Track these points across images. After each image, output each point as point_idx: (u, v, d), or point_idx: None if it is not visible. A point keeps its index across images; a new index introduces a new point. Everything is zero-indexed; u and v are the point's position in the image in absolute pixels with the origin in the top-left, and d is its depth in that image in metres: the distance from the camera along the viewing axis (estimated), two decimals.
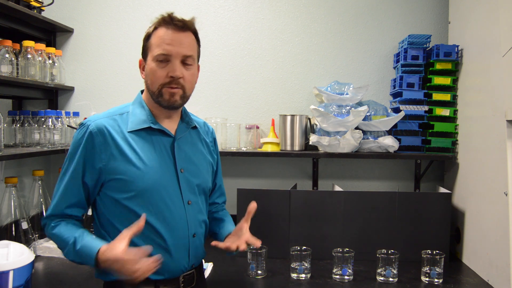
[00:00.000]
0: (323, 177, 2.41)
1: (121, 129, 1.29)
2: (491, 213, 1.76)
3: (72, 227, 1.28)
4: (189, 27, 1.30)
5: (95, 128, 1.26)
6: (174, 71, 1.26)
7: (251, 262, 1.80)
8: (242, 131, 2.36)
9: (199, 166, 1.39)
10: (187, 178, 1.34)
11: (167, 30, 1.27)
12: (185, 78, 1.29)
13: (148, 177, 1.26)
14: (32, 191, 2.13)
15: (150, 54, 1.29)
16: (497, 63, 1.72)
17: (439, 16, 2.37)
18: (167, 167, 1.31)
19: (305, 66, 2.44)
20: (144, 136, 1.30)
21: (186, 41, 1.29)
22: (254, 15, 2.44)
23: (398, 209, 2.01)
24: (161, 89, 1.27)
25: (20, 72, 2.04)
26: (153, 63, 1.27)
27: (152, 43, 1.28)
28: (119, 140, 1.27)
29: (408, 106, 2.19)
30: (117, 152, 1.26)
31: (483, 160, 1.85)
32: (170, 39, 1.26)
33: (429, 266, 1.76)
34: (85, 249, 1.20)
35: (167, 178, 1.30)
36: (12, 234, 1.92)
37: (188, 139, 1.40)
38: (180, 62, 1.27)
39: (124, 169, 1.25)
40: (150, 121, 1.31)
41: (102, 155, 1.25)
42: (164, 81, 1.27)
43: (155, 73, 1.27)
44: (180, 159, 1.33)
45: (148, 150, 1.29)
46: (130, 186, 1.25)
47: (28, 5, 2.12)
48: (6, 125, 2.15)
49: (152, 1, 2.44)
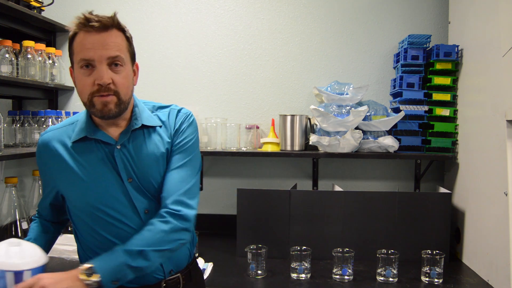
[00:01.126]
0: (323, 177, 2.41)
1: (66, 142, 1.23)
2: (491, 213, 1.76)
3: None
4: (109, 25, 1.16)
5: (41, 143, 1.26)
6: (101, 78, 1.12)
7: (251, 262, 1.80)
8: (242, 131, 2.36)
9: (148, 168, 1.23)
10: (138, 186, 1.21)
11: (86, 33, 1.13)
12: (116, 83, 1.14)
13: (90, 191, 1.19)
14: (32, 191, 2.13)
15: (74, 61, 1.16)
16: (497, 63, 1.72)
17: (439, 16, 2.37)
18: (112, 177, 1.20)
19: (305, 66, 2.44)
20: (88, 147, 1.22)
21: (110, 41, 1.14)
22: (254, 15, 2.44)
23: (398, 209, 2.01)
24: (92, 98, 1.14)
25: (20, 72, 2.04)
26: (78, 71, 1.15)
27: (74, 49, 1.15)
28: (63, 153, 1.22)
29: (408, 106, 2.19)
30: (60, 166, 1.22)
31: (483, 160, 1.85)
32: (90, 42, 1.12)
33: (429, 266, 1.76)
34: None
35: (111, 189, 1.20)
36: (12, 234, 1.92)
37: (135, 142, 1.23)
38: (107, 65, 1.14)
39: (66, 185, 1.23)
40: (88, 130, 1.21)
41: (50, 169, 1.26)
42: (92, 89, 1.13)
43: (81, 82, 1.14)
44: (123, 168, 1.20)
45: (90, 162, 1.21)
46: (75, 199, 1.23)
47: (28, 5, 2.12)
48: (6, 125, 2.15)
49: (152, 1, 2.44)
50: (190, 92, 2.45)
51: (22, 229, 1.95)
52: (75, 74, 1.18)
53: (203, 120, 2.35)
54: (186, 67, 2.43)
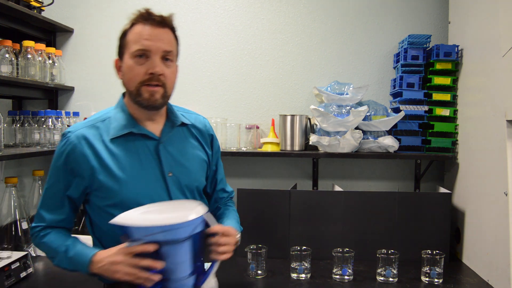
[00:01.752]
0: (323, 177, 2.41)
1: (103, 138, 1.25)
2: (491, 213, 1.76)
3: (62, 236, 1.27)
4: (167, 23, 1.25)
5: (75, 140, 1.23)
6: (154, 67, 1.20)
7: (251, 262, 1.80)
8: (242, 131, 2.36)
9: (189, 165, 1.33)
10: (176, 180, 1.29)
11: (145, 25, 1.22)
12: (165, 75, 1.22)
13: (129, 187, 1.22)
14: (32, 191, 2.13)
15: (127, 51, 1.23)
16: (497, 63, 1.72)
17: (439, 16, 2.37)
18: (153, 172, 1.26)
19: (305, 66, 2.44)
20: (127, 142, 1.25)
21: (165, 36, 1.23)
22: (254, 15, 2.44)
23: (398, 209, 2.01)
24: (140, 87, 1.21)
25: (20, 72, 2.04)
26: (130, 60, 1.21)
27: (130, 39, 1.22)
28: (101, 149, 1.23)
29: (408, 106, 2.19)
30: (98, 162, 1.22)
31: (483, 160, 1.85)
32: (149, 34, 1.20)
33: (429, 266, 1.76)
34: (79, 255, 1.21)
35: (151, 185, 1.25)
36: (12, 234, 1.92)
37: (175, 139, 1.33)
38: (160, 58, 1.21)
39: (105, 180, 1.22)
40: (131, 126, 1.26)
41: (83, 166, 1.23)
42: (143, 78, 1.20)
43: (133, 70, 1.21)
44: (166, 162, 1.28)
45: (131, 158, 1.24)
46: (112, 196, 1.23)
47: (28, 5, 2.12)
48: (6, 125, 2.15)
49: (152, 1, 2.44)
50: (190, 92, 2.45)
51: (22, 229, 1.95)
52: (125, 64, 1.24)
53: None
54: (186, 67, 2.43)
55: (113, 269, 1.14)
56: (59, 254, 1.24)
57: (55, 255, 1.25)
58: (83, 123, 1.29)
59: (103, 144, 1.24)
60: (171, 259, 1.13)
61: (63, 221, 1.29)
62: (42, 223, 1.28)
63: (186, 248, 1.14)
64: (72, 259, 1.22)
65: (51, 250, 1.26)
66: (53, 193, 1.27)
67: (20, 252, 1.74)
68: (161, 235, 1.10)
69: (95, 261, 1.18)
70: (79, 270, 1.23)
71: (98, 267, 1.17)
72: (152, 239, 1.11)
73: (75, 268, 1.23)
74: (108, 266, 1.15)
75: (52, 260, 1.28)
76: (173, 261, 1.13)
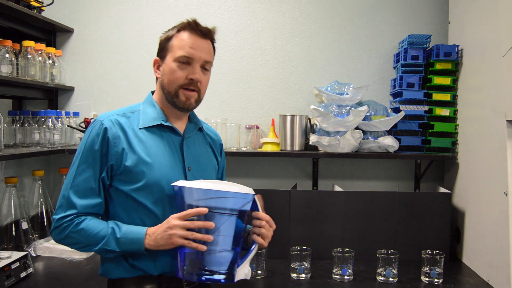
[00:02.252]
0: (323, 177, 2.41)
1: (133, 126, 1.33)
2: (491, 213, 1.76)
3: (99, 221, 1.28)
4: (210, 35, 1.36)
5: (109, 123, 1.29)
6: (194, 73, 1.31)
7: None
8: (242, 131, 2.36)
9: (205, 166, 1.44)
10: (194, 176, 1.36)
11: (191, 34, 1.32)
12: (202, 83, 1.34)
13: (156, 170, 1.29)
14: (32, 191, 2.13)
15: (170, 54, 1.32)
16: (497, 63, 1.72)
17: (439, 16, 2.37)
18: (176, 164, 1.34)
19: (305, 66, 2.44)
20: (155, 133, 1.34)
21: (207, 47, 1.35)
22: (254, 15, 2.44)
23: (398, 209, 2.01)
24: (178, 90, 1.32)
25: (20, 72, 2.04)
26: (173, 64, 1.31)
27: (174, 44, 1.32)
28: (131, 135, 1.30)
29: (408, 106, 2.19)
30: (128, 146, 1.29)
31: (483, 160, 1.85)
32: (194, 43, 1.31)
33: (429, 266, 1.76)
34: (130, 232, 1.24)
35: (175, 174, 1.32)
36: (12, 234, 1.92)
37: (195, 140, 1.44)
38: (200, 66, 1.33)
39: (133, 162, 1.27)
40: (161, 119, 1.35)
41: (115, 149, 1.28)
42: (183, 82, 1.31)
43: (175, 73, 1.31)
44: (188, 157, 1.37)
45: (158, 146, 1.33)
46: (138, 177, 1.27)
47: (28, 5, 2.12)
48: (6, 125, 2.15)
49: (152, 2, 2.44)
50: None
51: (22, 229, 1.95)
52: (167, 65, 1.33)
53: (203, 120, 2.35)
54: None
55: (169, 233, 1.20)
56: (106, 238, 1.24)
57: (98, 241, 1.24)
58: (113, 112, 1.35)
59: (134, 132, 1.32)
60: (218, 231, 1.21)
61: (98, 206, 1.29)
62: (73, 210, 1.26)
63: (232, 222, 1.24)
64: (122, 239, 1.23)
65: (92, 236, 1.24)
66: (86, 178, 1.27)
67: (20, 252, 1.74)
68: (215, 201, 1.21)
69: (150, 233, 1.24)
70: (132, 250, 1.24)
71: (153, 238, 1.23)
72: (205, 204, 1.20)
73: (126, 248, 1.24)
74: (163, 232, 1.21)
75: (87, 248, 1.26)
76: (219, 233, 1.21)
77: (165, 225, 1.22)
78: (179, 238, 1.20)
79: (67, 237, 1.26)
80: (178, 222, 1.20)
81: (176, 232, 1.20)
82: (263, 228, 1.32)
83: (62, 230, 1.26)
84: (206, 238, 1.20)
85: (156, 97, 1.40)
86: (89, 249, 1.27)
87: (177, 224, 1.20)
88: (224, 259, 1.24)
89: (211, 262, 1.22)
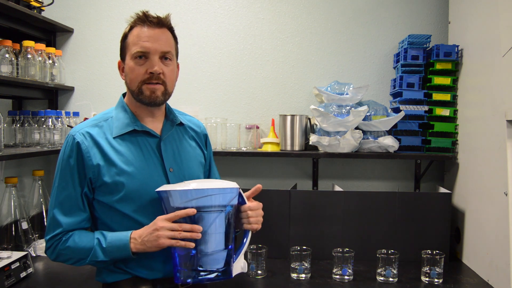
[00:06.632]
0: (323, 177, 2.41)
1: (106, 135, 1.29)
2: (491, 213, 1.76)
3: (86, 234, 1.27)
4: (164, 23, 1.31)
5: (81, 137, 1.27)
6: (153, 66, 1.26)
7: (251, 262, 1.80)
8: (242, 131, 2.36)
9: (189, 162, 1.39)
10: (177, 176, 1.33)
11: (143, 27, 1.28)
12: (165, 74, 1.29)
13: (134, 179, 1.26)
14: (32, 191, 2.13)
15: (128, 53, 1.30)
16: (497, 63, 1.72)
17: (439, 16, 2.37)
18: (155, 168, 1.31)
19: (305, 66, 2.44)
20: (130, 140, 1.31)
21: (163, 37, 1.29)
22: (254, 15, 2.44)
23: (398, 209, 2.01)
24: (141, 86, 1.28)
25: (20, 72, 2.04)
26: (131, 62, 1.28)
27: (129, 42, 1.29)
28: (105, 146, 1.27)
29: (408, 106, 2.19)
30: (103, 158, 1.26)
31: (483, 160, 1.85)
32: (147, 36, 1.27)
33: (429, 266, 1.76)
34: (115, 240, 1.23)
35: (155, 179, 1.29)
36: (12, 234, 1.92)
37: (175, 137, 1.39)
38: (159, 58, 1.28)
39: (110, 174, 1.25)
40: (134, 124, 1.31)
41: (89, 163, 1.25)
42: (143, 77, 1.27)
43: (134, 71, 1.28)
44: (168, 158, 1.33)
45: (134, 153, 1.29)
46: (118, 188, 1.25)
47: (28, 5, 2.12)
48: (6, 125, 2.15)
49: (152, 2, 2.44)
50: (190, 92, 2.45)
51: (22, 229, 1.95)
52: (127, 65, 1.30)
53: (203, 120, 2.35)
54: (186, 67, 2.43)
55: (156, 234, 1.19)
56: (93, 250, 1.23)
57: (86, 254, 1.24)
58: (85, 123, 1.33)
59: (107, 142, 1.28)
60: (207, 230, 1.21)
61: (84, 221, 1.29)
62: (59, 229, 1.26)
63: (222, 219, 1.24)
64: (109, 247, 1.22)
65: (79, 251, 1.24)
66: (67, 194, 1.26)
67: (20, 252, 1.74)
68: (202, 200, 1.20)
69: (135, 237, 1.22)
70: (120, 256, 1.23)
71: (139, 241, 1.21)
72: (192, 204, 1.19)
73: (114, 256, 1.23)
74: (150, 235, 1.20)
75: (80, 263, 1.26)
76: (209, 232, 1.21)
77: (152, 227, 1.21)
78: (166, 239, 1.18)
79: (59, 255, 1.27)
80: (165, 224, 1.19)
81: (163, 233, 1.18)
82: (248, 213, 1.32)
83: (53, 249, 1.27)
84: (194, 236, 1.19)
85: (127, 100, 1.37)
86: (82, 263, 1.26)
87: (163, 225, 1.19)
88: (219, 257, 1.24)
89: (206, 262, 1.22)
